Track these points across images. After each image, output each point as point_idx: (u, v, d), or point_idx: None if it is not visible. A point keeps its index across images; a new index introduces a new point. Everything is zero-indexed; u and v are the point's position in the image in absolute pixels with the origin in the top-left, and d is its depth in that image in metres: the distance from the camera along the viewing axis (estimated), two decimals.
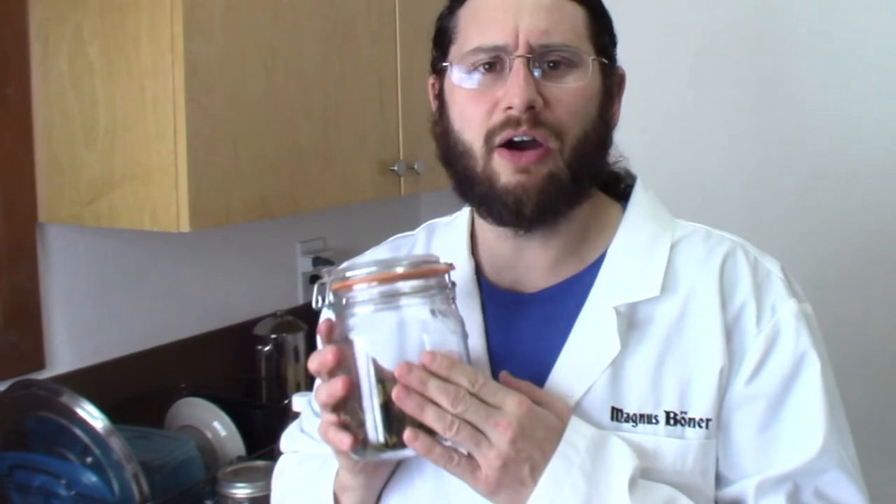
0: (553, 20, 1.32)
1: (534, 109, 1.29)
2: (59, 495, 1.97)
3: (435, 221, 1.60)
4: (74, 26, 2.09)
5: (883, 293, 2.67)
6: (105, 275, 2.37)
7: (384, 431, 1.22)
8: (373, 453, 1.24)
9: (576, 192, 1.35)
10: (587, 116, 1.34)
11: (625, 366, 1.34)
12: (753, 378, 1.35)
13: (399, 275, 1.24)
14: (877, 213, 2.68)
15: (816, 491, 1.34)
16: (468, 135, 1.34)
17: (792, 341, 1.35)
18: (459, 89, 1.36)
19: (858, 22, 2.65)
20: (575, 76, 1.33)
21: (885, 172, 2.66)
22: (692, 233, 1.45)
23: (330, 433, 1.25)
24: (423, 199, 3.26)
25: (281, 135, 2.20)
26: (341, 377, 1.23)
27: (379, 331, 1.24)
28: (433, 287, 1.26)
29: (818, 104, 2.73)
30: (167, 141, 1.99)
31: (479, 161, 1.33)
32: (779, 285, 1.39)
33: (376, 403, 1.22)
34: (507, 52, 1.31)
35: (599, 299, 1.38)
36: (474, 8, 1.37)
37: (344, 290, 1.25)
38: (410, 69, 2.53)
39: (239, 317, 2.72)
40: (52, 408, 1.99)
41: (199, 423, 2.36)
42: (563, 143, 1.32)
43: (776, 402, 1.35)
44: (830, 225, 2.73)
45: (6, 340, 2.16)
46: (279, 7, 2.17)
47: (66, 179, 2.15)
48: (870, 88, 2.66)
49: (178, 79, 1.97)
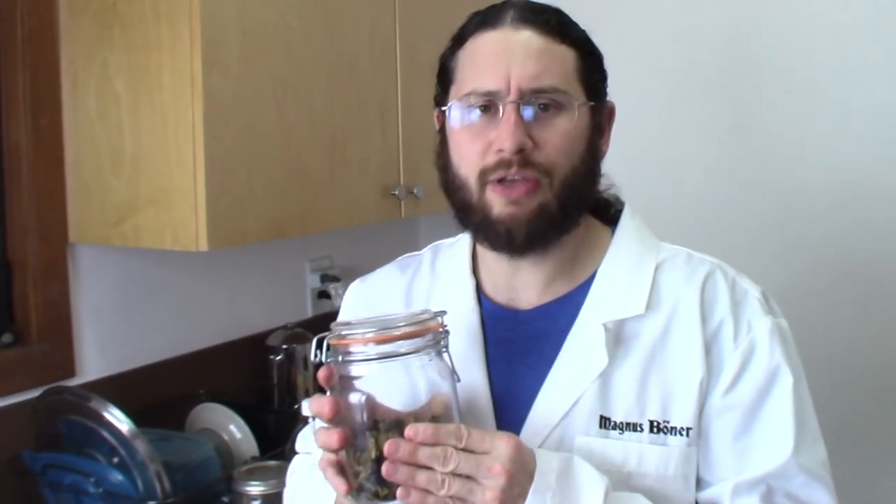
0: (543, 65, 1.32)
1: (524, 152, 1.30)
2: (89, 493, 1.95)
3: (440, 242, 1.61)
4: (102, 63, 2.09)
5: (846, 306, 2.69)
6: (130, 290, 2.36)
7: (376, 484, 1.21)
8: (366, 500, 1.23)
9: (564, 221, 1.36)
10: (575, 153, 1.35)
11: (612, 378, 1.35)
12: (730, 390, 1.35)
13: (395, 336, 1.22)
14: (840, 233, 2.69)
15: (788, 493, 1.35)
16: (464, 171, 1.35)
17: (766, 356, 1.36)
18: (457, 129, 1.36)
19: (820, 62, 2.67)
20: (564, 119, 1.33)
21: (845, 197, 2.67)
22: (675, 255, 1.45)
23: (328, 474, 1.25)
24: (423, 221, 3.24)
25: (291, 161, 2.19)
26: (338, 430, 1.21)
27: (375, 385, 1.23)
28: (428, 344, 1.24)
29: (785, 136, 2.76)
30: (187, 168, 1.99)
31: (474, 194, 1.34)
32: (755, 303, 1.40)
33: (371, 458, 1.21)
34: (500, 96, 1.31)
35: (589, 316, 1.39)
36: (471, 52, 1.37)
37: (342, 347, 1.23)
38: (410, 101, 2.52)
39: (253, 329, 2.71)
40: (82, 412, 1.98)
41: (216, 426, 2.36)
42: (552, 179, 1.32)
43: (751, 411, 1.36)
44: (798, 245, 2.74)
45: (40, 350, 2.15)
46: (290, 45, 2.17)
47: (94, 203, 2.14)
48: (829, 120, 2.68)
49: (197, 111, 1.96)
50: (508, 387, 1.39)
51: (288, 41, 2.17)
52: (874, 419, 2.68)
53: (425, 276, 1.57)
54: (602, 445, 1.33)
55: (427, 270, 1.57)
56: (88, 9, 2.10)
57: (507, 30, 1.35)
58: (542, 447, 1.32)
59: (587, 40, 1.41)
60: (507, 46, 1.33)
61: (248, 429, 2.34)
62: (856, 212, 2.67)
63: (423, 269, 1.58)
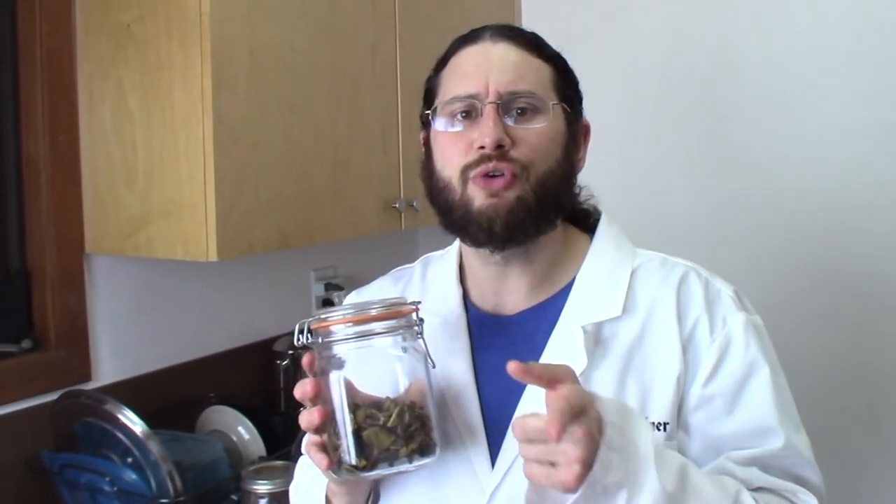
0: (519, 73, 1.36)
1: (503, 148, 1.32)
2: (104, 491, 1.96)
3: (429, 255, 1.62)
4: (116, 82, 2.10)
5: (820, 310, 2.71)
6: (143, 298, 2.37)
7: (356, 455, 1.23)
8: (346, 473, 1.25)
9: (541, 216, 1.36)
10: (551, 154, 1.37)
11: (592, 377, 1.35)
12: (709, 381, 1.36)
13: (370, 317, 1.25)
14: (814, 241, 2.71)
15: (782, 469, 1.35)
16: (448, 171, 1.37)
17: (742, 349, 1.37)
18: (441, 134, 1.39)
19: (796, 79, 2.71)
20: (540, 119, 1.36)
21: (819, 206, 2.70)
22: (650, 260, 1.46)
23: (311, 452, 1.27)
24: (421, 232, 3.23)
25: (296, 176, 2.20)
26: (318, 408, 1.23)
27: (354, 365, 1.25)
28: (401, 326, 1.26)
29: (762, 148, 2.79)
30: (197, 182, 1.99)
31: (456, 191, 1.36)
32: (728, 301, 1.41)
33: (349, 431, 1.23)
34: (480, 99, 1.34)
35: (569, 319, 1.40)
36: (453, 66, 1.41)
37: (322, 330, 1.26)
38: (409, 119, 2.50)
39: (260, 335, 2.71)
40: (98, 414, 1.99)
41: (225, 427, 2.36)
42: (529, 174, 1.34)
43: (732, 399, 1.36)
44: (774, 252, 2.77)
45: (58, 356, 2.15)
46: (295, 66, 2.18)
47: (109, 215, 2.15)
48: (805, 133, 2.72)
49: (207, 128, 1.97)
50: (495, 387, 1.40)
51: (293, 62, 2.18)
52: (848, 418, 2.69)
53: (416, 286, 1.58)
54: None
55: (418, 281, 1.58)
56: (104, 30, 2.11)
57: (485, 43, 1.39)
58: None
59: (562, 59, 1.44)
60: (486, 57, 1.37)
61: (256, 430, 2.34)
62: (829, 220, 2.69)
63: (415, 280, 1.59)
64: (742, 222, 2.83)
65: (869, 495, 2.69)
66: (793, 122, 2.73)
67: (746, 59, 2.79)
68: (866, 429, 2.68)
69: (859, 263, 2.66)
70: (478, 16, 2.71)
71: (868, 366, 2.67)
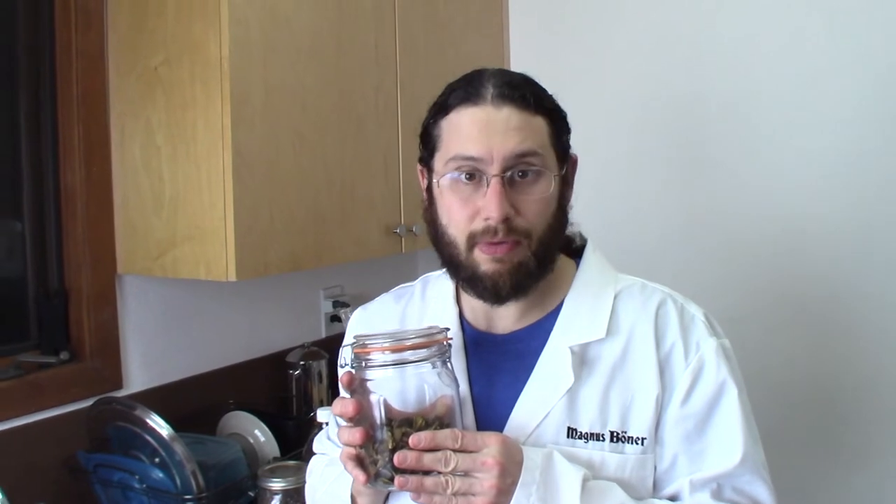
0: (522, 135, 1.32)
1: (508, 220, 1.30)
2: (134, 488, 1.97)
3: (429, 275, 1.61)
4: (145, 120, 2.11)
5: (781, 325, 2.71)
6: (170, 315, 2.38)
7: (392, 470, 1.24)
8: (381, 486, 1.27)
9: (541, 273, 1.37)
10: (550, 213, 1.36)
11: (578, 394, 1.36)
12: (685, 402, 1.36)
13: (407, 346, 1.26)
14: (775, 262, 2.72)
15: (735, 488, 1.36)
16: (453, 231, 1.36)
17: (713, 372, 1.37)
18: (447, 191, 1.36)
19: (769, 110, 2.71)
20: (540, 187, 1.34)
21: (780, 231, 2.70)
22: (631, 285, 1.46)
23: (348, 466, 1.27)
24: (420, 254, 3.20)
25: (307, 203, 2.21)
26: (360, 429, 1.25)
27: (391, 387, 1.26)
28: (434, 353, 1.28)
29: (728, 178, 2.78)
30: (218, 209, 2.01)
31: (462, 252, 1.35)
32: (701, 327, 1.41)
33: (387, 448, 1.24)
34: (485, 163, 1.31)
35: (557, 340, 1.40)
36: (455, 123, 1.35)
37: (363, 354, 1.27)
38: (409, 152, 2.49)
39: (274, 347, 2.70)
40: (128, 419, 1.99)
41: (243, 431, 2.36)
42: (531, 240, 1.33)
43: (703, 420, 1.36)
44: (739, 272, 2.78)
45: (92, 366, 2.16)
46: (306, 104, 2.19)
47: (139, 239, 2.16)
48: (768, 167, 2.72)
49: (227, 161, 1.98)
50: (488, 400, 1.40)
51: (304, 100, 2.19)
52: (805, 425, 2.70)
53: (416, 304, 1.57)
54: (569, 453, 1.33)
55: (418, 299, 1.58)
56: (133, 72, 2.12)
57: (488, 108, 1.33)
58: None
59: (556, 107, 1.40)
60: (489, 123, 1.32)
61: (271, 433, 2.35)
62: (789, 243, 2.70)
63: (415, 299, 1.58)
64: (708, 245, 2.83)
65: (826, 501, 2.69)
66: (757, 153, 2.73)
67: (716, 93, 2.79)
68: (824, 432, 2.69)
69: (816, 283, 2.67)
70: (471, 58, 2.70)
71: (824, 373, 2.67)
